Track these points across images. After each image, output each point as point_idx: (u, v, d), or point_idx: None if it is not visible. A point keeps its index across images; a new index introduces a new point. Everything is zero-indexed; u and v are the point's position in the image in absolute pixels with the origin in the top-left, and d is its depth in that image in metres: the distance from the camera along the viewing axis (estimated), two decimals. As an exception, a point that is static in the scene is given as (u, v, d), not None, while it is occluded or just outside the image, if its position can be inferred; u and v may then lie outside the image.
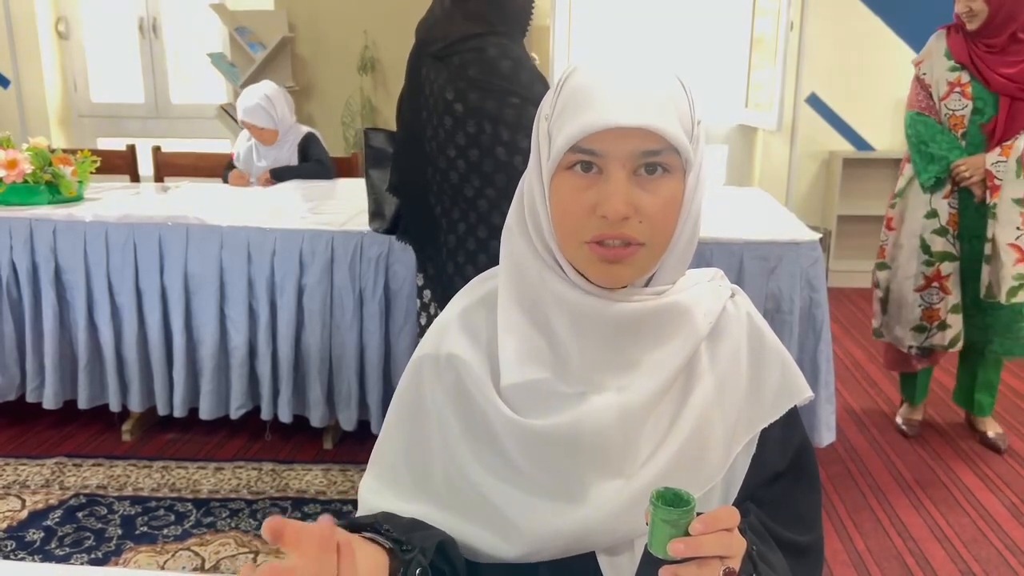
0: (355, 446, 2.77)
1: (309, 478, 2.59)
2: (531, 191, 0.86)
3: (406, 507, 0.90)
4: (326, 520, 0.70)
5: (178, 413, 2.67)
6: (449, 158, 1.74)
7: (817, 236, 2.47)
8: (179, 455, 2.72)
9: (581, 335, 0.85)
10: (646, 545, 0.81)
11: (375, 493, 0.92)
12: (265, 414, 2.66)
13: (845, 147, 4.75)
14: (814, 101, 4.69)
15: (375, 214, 2.00)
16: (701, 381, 0.88)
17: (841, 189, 4.68)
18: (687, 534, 0.72)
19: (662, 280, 0.87)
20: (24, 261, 2.63)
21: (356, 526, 0.81)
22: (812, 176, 4.83)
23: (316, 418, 2.65)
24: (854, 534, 2.30)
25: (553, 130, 0.82)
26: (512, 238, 0.89)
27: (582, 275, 0.84)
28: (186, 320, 2.62)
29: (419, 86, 1.80)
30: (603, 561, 0.88)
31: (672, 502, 0.74)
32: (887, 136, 4.69)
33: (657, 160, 0.79)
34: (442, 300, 1.85)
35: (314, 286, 2.56)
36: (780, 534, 0.87)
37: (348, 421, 2.63)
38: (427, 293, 1.93)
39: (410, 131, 1.83)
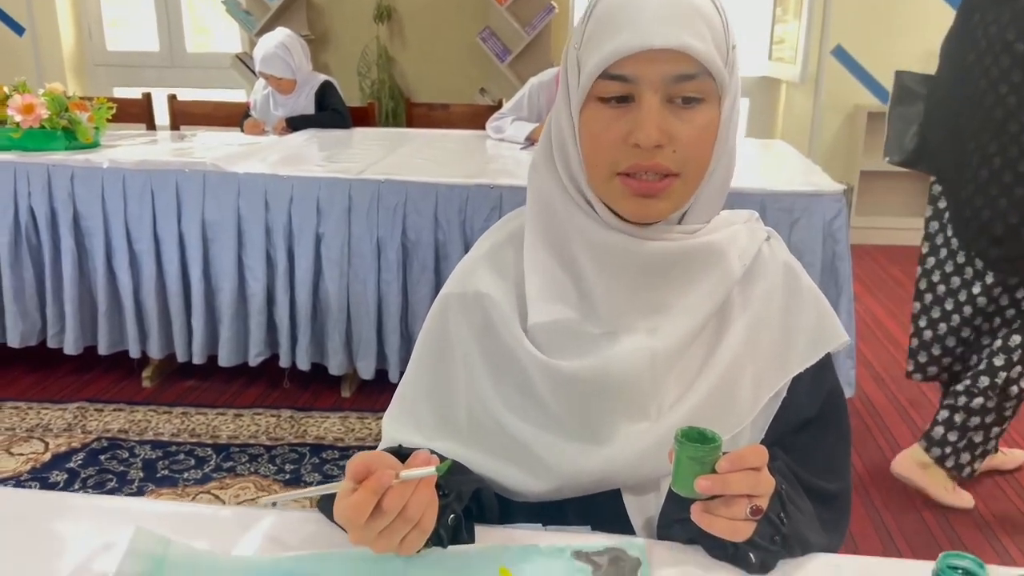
0: (373, 394, 2.79)
1: (327, 425, 2.61)
2: (559, 124, 0.84)
3: (428, 444, 0.89)
4: (424, 454, 0.72)
5: (197, 360, 2.69)
6: (999, 95, 1.91)
7: (841, 187, 2.42)
8: (199, 402, 2.74)
9: (609, 275, 0.83)
10: (671, 484, 0.81)
11: (397, 428, 0.92)
12: (283, 362, 2.68)
13: (870, 100, 4.65)
14: (840, 53, 4.58)
15: (894, 148, 2.24)
16: (733, 326, 0.87)
17: (865, 144, 4.59)
18: (713, 472, 0.72)
19: (695, 218, 0.85)
20: (42, 207, 2.63)
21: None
22: (835, 130, 4.75)
23: (334, 366, 2.66)
24: (871, 489, 2.30)
25: (583, 57, 0.79)
26: (539, 175, 0.87)
27: (612, 212, 0.82)
28: (204, 267, 2.62)
29: (970, 28, 1.99)
30: (628, 500, 0.87)
31: (697, 441, 0.73)
32: (914, 89, 4.58)
33: (691, 86, 0.76)
34: (960, 230, 2.10)
35: (331, 234, 2.55)
36: (807, 481, 0.86)
37: (366, 369, 2.64)
38: (933, 224, 2.17)
39: (953, 71, 2.04)
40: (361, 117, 3.64)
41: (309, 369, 2.70)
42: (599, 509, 0.86)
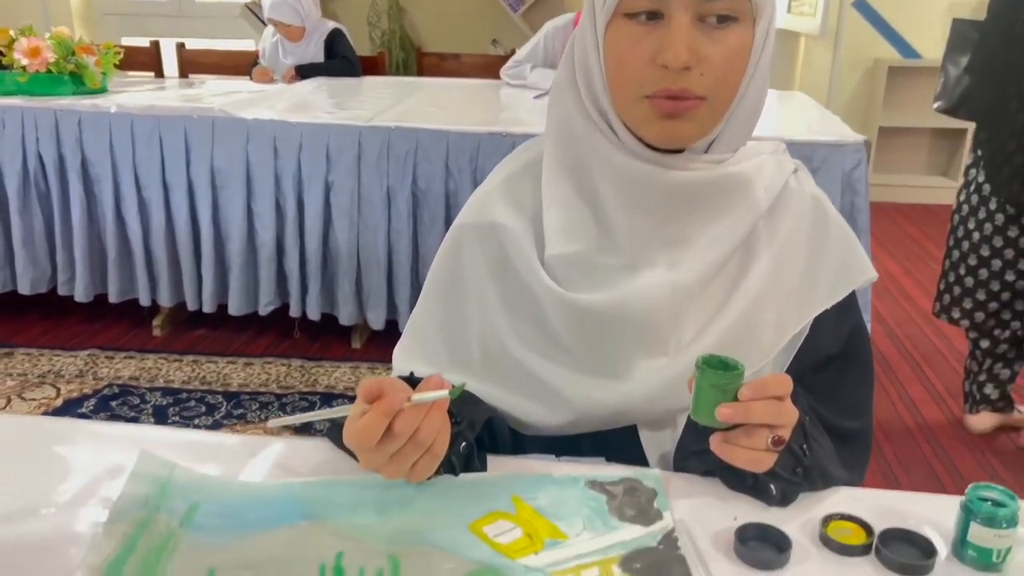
0: (383, 345, 2.78)
1: (338, 375, 2.61)
2: (583, 42, 0.80)
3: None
4: (436, 378, 0.69)
5: (207, 308, 2.69)
6: None
7: (862, 138, 2.37)
8: (209, 350, 2.74)
9: (630, 206, 0.80)
10: (689, 415, 0.79)
11: (408, 361, 0.90)
12: (294, 311, 2.67)
13: (890, 54, 4.55)
14: (861, 6, 4.47)
15: (943, 94, 2.27)
16: (758, 260, 0.84)
17: (884, 99, 4.50)
18: (735, 400, 0.69)
19: (723, 147, 0.81)
20: (50, 152, 2.60)
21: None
22: (855, 85, 4.65)
23: (345, 316, 2.65)
24: (883, 443, 2.29)
25: None
26: (560, 98, 0.84)
27: (637, 138, 0.79)
28: (213, 215, 2.60)
29: None
30: (644, 435, 0.85)
31: (719, 369, 0.70)
32: (936, 43, 4.47)
33: (724, 3, 0.72)
34: (992, 175, 2.12)
35: (341, 183, 2.52)
36: (828, 420, 0.84)
37: (377, 320, 2.63)
38: (972, 172, 2.18)
39: (1000, 16, 2.07)
40: (371, 67, 3.58)
41: (319, 319, 2.69)
42: (614, 444, 0.84)
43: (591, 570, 0.65)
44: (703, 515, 0.72)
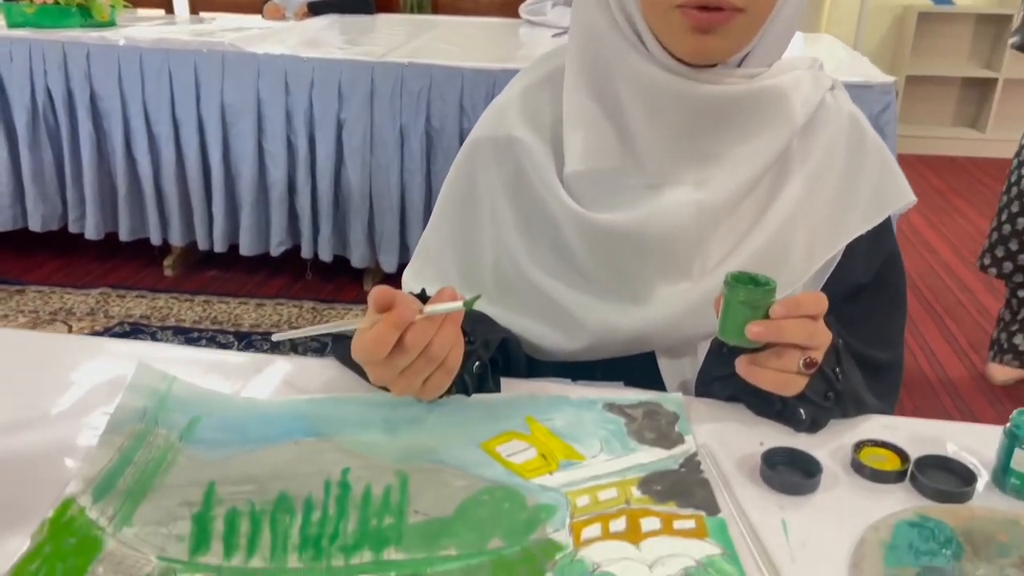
0: (396, 288, 2.74)
1: (350, 317, 2.58)
2: None
3: None
4: (449, 290, 0.66)
5: (218, 248, 2.66)
6: None
7: (891, 79, 2.28)
8: (220, 291, 2.72)
9: (657, 121, 0.75)
10: (713, 338, 0.75)
11: (419, 283, 0.86)
12: (306, 252, 2.64)
13: (921, 0, 4.39)
14: (893, -53, 4.31)
15: (1018, 31, 2.29)
16: (790, 180, 0.79)
17: (913, 46, 4.36)
18: (766, 318, 0.65)
19: (757, 61, 0.76)
20: (59, 87, 2.55)
21: None
22: (883, 31, 4.51)
23: (357, 258, 2.62)
24: (904, 396, 2.23)
25: None
26: (585, 5, 0.78)
27: (666, 50, 0.73)
28: (224, 153, 2.55)
29: None
30: (663, 363, 0.82)
31: (749, 285, 0.66)
32: (970, -12, 4.32)
33: None
34: None
35: (353, 120, 2.46)
36: (858, 350, 0.80)
37: (389, 263, 2.60)
38: None
39: None
40: (385, 5, 3.50)
41: (331, 261, 2.66)
42: (631, 371, 0.81)
43: (608, 491, 0.62)
44: (727, 440, 0.68)
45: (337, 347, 0.78)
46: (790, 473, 0.63)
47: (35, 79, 2.56)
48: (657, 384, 0.81)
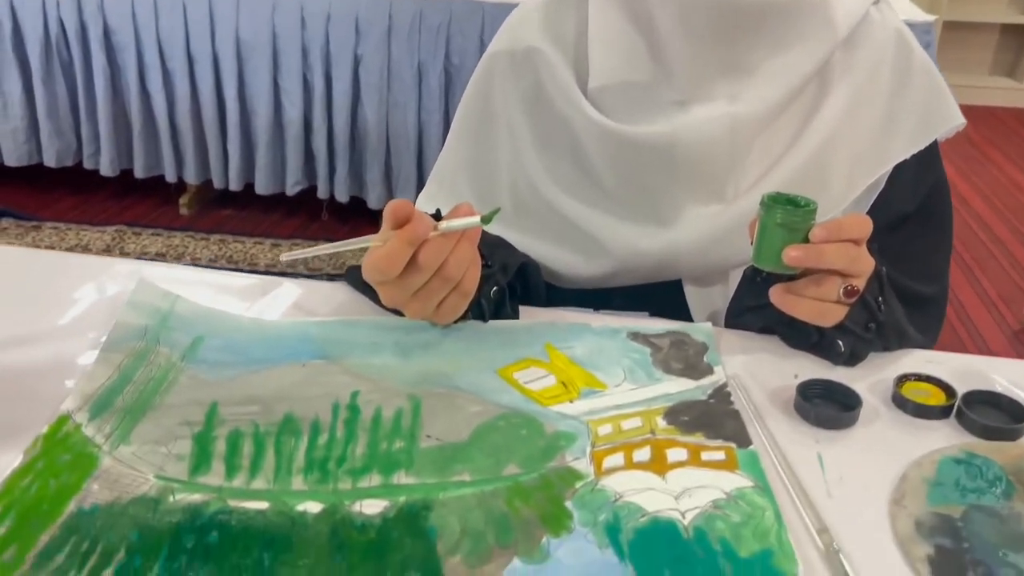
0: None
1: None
2: None
3: None
4: (466, 206, 0.61)
5: (234, 187, 2.62)
6: None
7: (931, 18, 2.18)
8: (236, 230, 2.70)
9: (689, 30, 0.70)
10: (746, 268, 0.70)
11: (432, 208, 0.82)
12: (321, 192, 2.59)
13: (964, -60, 4.21)
14: None
15: None
16: (831, 96, 0.73)
17: (952, -10, 4.19)
18: (806, 242, 0.61)
19: None
20: (72, 20, 2.50)
21: None
22: (921, -26, 4.32)
23: (373, 199, 2.57)
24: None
25: None
26: None
27: None
28: (239, 89, 2.49)
29: None
30: (690, 292, 0.77)
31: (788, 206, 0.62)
32: (1016, -71, 4.12)
33: None
34: None
35: (371, 56, 2.39)
36: (900, 283, 0.75)
37: (405, 204, 2.55)
38: None
39: None
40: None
41: (348, 202, 2.61)
42: (656, 301, 0.77)
43: (632, 420, 0.58)
44: (759, 372, 0.64)
45: (350, 272, 0.75)
46: (827, 406, 0.59)
47: (48, 11, 2.50)
48: (683, 315, 0.77)
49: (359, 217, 2.73)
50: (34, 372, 0.61)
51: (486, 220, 0.59)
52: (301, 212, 2.79)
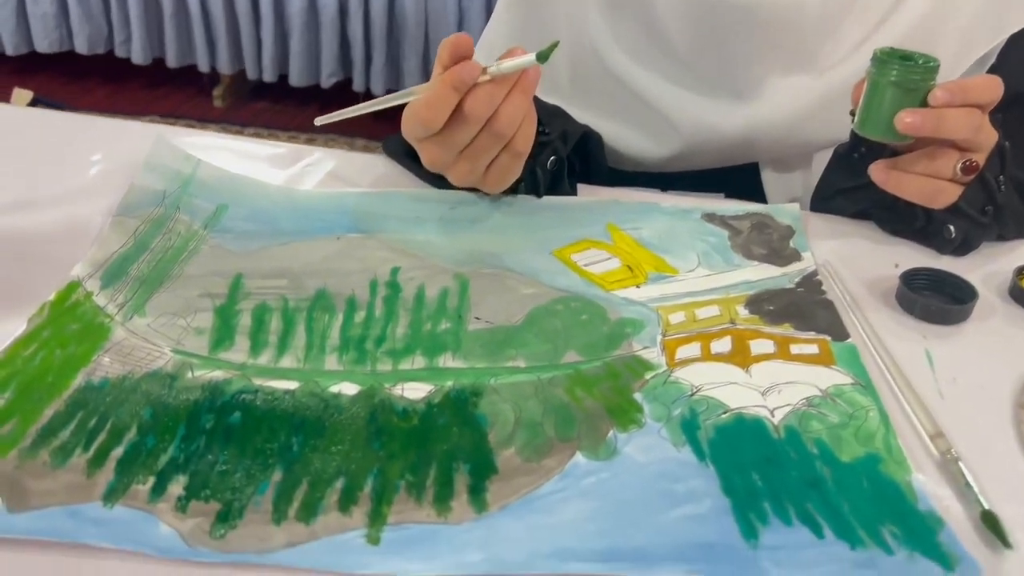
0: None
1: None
2: None
3: None
4: (519, 48, 0.52)
5: (268, 77, 2.53)
6: None
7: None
8: (271, 124, 2.62)
9: None
10: (836, 148, 0.61)
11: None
12: (357, 85, 2.49)
13: None
14: None
15: None
16: None
17: None
18: (923, 105, 0.52)
19: None
20: None
21: None
22: None
23: (411, 93, 2.47)
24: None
25: None
26: None
27: None
28: (272, -29, 2.38)
29: None
30: (767, 177, 0.69)
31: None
32: None
33: None
34: None
35: (411, -64, 2.25)
36: (1011, 172, 0.66)
37: (444, 99, 2.44)
38: None
39: None
40: None
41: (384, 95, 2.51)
42: (728, 187, 0.68)
43: (709, 308, 0.51)
44: (853, 260, 0.56)
45: (388, 142, 0.67)
46: (936, 298, 0.51)
47: None
48: (758, 201, 0.68)
49: (396, 112, 2.62)
50: (42, 236, 0.55)
51: (543, 57, 0.51)
52: (336, 105, 2.68)
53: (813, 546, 0.36)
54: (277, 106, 2.71)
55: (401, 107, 0.57)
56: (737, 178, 0.69)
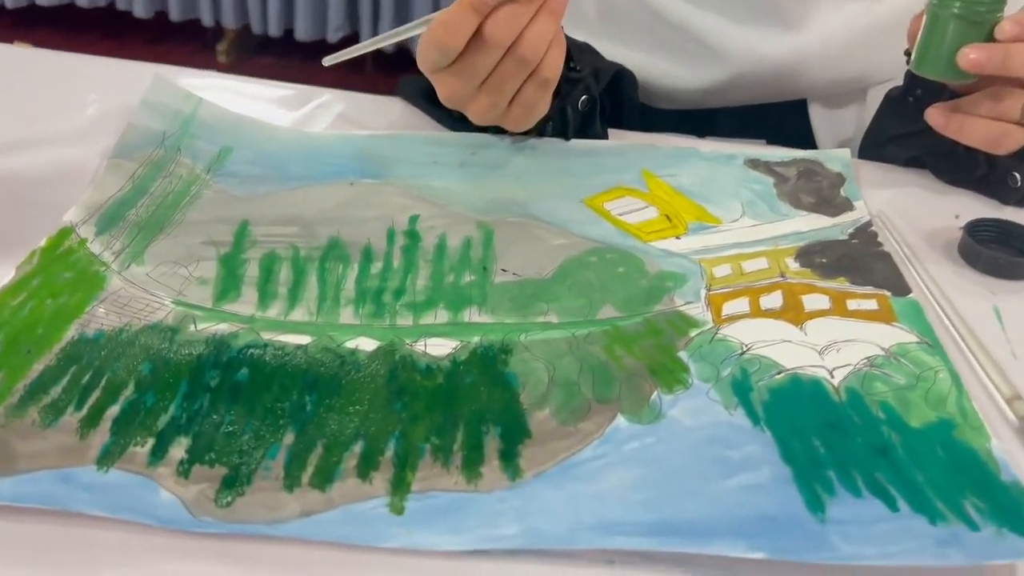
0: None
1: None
2: None
3: None
4: None
5: (273, 31, 2.46)
6: None
7: None
8: (276, 78, 2.56)
9: None
10: (889, 92, 0.57)
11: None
12: (365, 39, 2.42)
13: None
14: None
15: None
16: None
17: None
18: (989, 40, 0.47)
19: None
20: None
21: None
22: None
23: (420, 48, 2.40)
24: None
25: None
26: None
27: None
28: (277, -80, 2.30)
29: None
30: (816, 113, 0.64)
31: None
32: None
33: None
34: None
35: None
36: None
37: (454, 54, 2.38)
38: None
39: None
40: None
41: (393, 52, 2.45)
42: (772, 125, 0.64)
43: (756, 260, 0.47)
44: (909, 211, 0.52)
45: (404, 84, 0.63)
46: (1002, 251, 0.47)
47: None
48: (805, 145, 0.64)
49: (406, 70, 2.55)
50: (34, 179, 0.51)
51: None
52: (343, 63, 2.63)
53: (887, 520, 0.32)
54: (283, 61, 2.65)
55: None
56: (783, 117, 0.65)
